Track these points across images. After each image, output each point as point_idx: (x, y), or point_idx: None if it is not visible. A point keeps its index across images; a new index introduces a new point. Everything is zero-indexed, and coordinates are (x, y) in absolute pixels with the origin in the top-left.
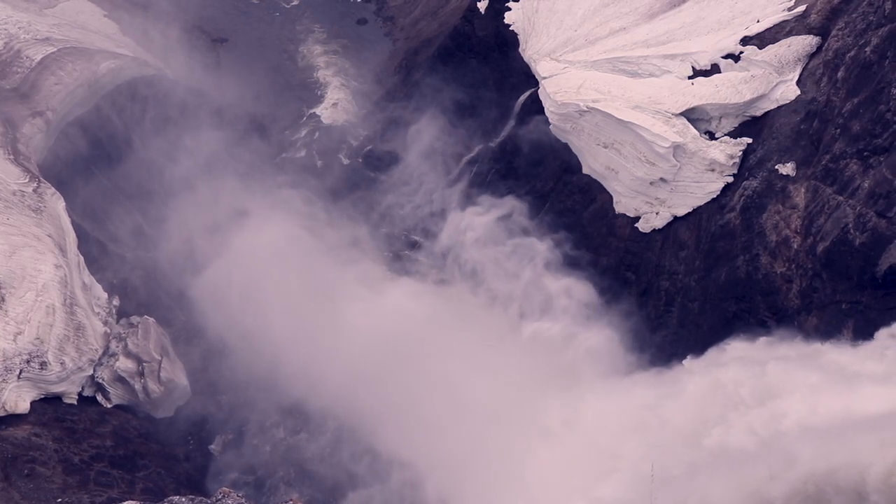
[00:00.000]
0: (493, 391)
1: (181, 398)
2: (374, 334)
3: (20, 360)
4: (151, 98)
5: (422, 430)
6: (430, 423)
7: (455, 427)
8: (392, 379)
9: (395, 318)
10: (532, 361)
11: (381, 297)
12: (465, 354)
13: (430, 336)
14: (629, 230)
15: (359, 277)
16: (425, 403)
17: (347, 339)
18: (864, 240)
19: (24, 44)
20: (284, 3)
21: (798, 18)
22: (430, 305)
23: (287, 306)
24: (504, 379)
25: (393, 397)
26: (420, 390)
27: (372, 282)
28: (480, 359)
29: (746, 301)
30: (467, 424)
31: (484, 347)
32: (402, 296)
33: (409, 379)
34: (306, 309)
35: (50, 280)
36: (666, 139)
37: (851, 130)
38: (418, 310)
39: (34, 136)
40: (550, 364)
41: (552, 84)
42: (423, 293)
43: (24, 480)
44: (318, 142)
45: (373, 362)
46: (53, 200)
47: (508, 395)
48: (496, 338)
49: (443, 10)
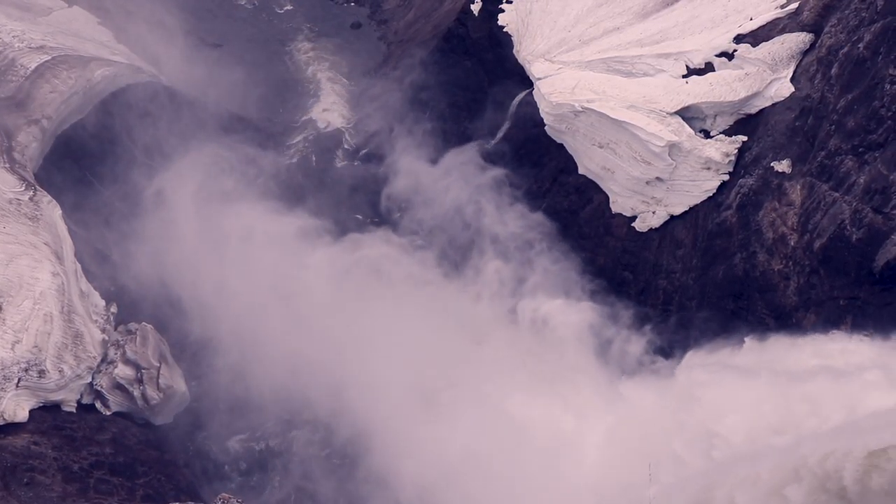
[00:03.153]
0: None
1: (180, 405)
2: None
3: (18, 369)
4: (146, 105)
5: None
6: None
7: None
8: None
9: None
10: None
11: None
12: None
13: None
14: (626, 230)
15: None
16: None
17: (363, 346)
18: (860, 236)
19: (18, 52)
20: (278, 8)
21: (791, 16)
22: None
23: (286, 313)
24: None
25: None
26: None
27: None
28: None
29: (744, 299)
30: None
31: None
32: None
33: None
34: (308, 316)
35: (47, 288)
36: (661, 138)
37: (846, 127)
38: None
39: (30, 144)
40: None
41: (547, 85)
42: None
43: (23, 489)
44: (313, 146)
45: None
46: (50, 208)
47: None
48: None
49: (436, 13)
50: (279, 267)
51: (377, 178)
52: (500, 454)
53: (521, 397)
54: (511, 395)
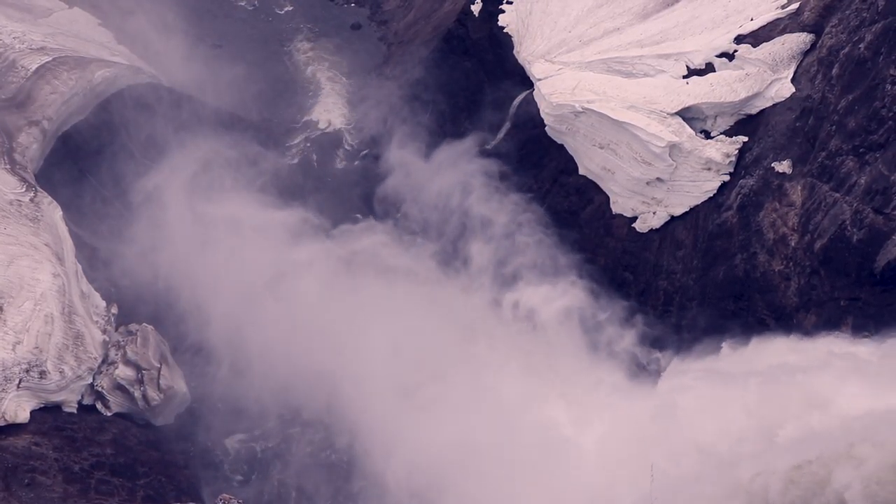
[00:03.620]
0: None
1: (181, 405)
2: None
3: (19, 370)
4: (146, 105)
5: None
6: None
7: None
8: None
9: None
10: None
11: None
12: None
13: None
14: (626, 230)
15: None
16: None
17: (356, 347)
18: (861, 236)
19: (19, 54)
20: (278, 9)
21: (792, 16)
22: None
23: (285, 313)
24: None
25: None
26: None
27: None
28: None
29: (745, 300)
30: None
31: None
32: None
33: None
34: (308, 316)
35: (48, 289)
36: (661, 139)
37: (847, 127)
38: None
39: (30, 145)
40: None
41: (547, 85)
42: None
43: (24, 490)
44: (314, 146)
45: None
46: (50, 209)
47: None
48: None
49: (436, 14)
50: (276, 265)
51: (376, 178)
52: (494, 449)
53: (515, 390)
54: (505, 388)
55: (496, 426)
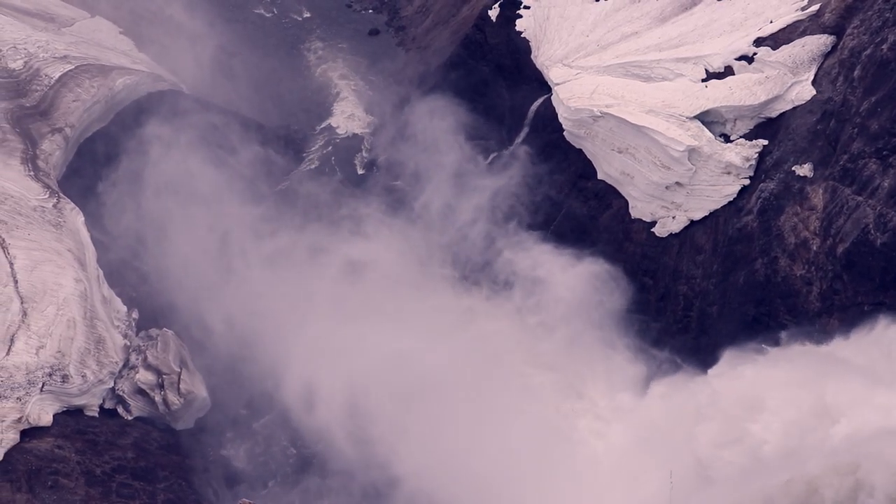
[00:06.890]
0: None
1: (201, 410)
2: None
3: (42, 374)
4: (167, 112)
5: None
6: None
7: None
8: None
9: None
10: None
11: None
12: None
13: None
14: (646, 235)
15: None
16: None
17: (370, 358)
18: (885, 240)
19: (42, 62)
20: (297, 16)
21: (812, 18)
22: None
23: (305, 321)
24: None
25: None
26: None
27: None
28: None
29: (766, 305)
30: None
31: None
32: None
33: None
34: (328, 324)
35: (70, 294)
36: (681, 143)
37: (869, 129)
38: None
39: (53, 152)
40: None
41: (565, 90)
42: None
43: (47, 492)
44: (333, 153)
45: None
46: (73, 215)
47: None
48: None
49: (454, 19)
50: (298, 275)
51: (396, 185)
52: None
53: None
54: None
55: (512, 429)
